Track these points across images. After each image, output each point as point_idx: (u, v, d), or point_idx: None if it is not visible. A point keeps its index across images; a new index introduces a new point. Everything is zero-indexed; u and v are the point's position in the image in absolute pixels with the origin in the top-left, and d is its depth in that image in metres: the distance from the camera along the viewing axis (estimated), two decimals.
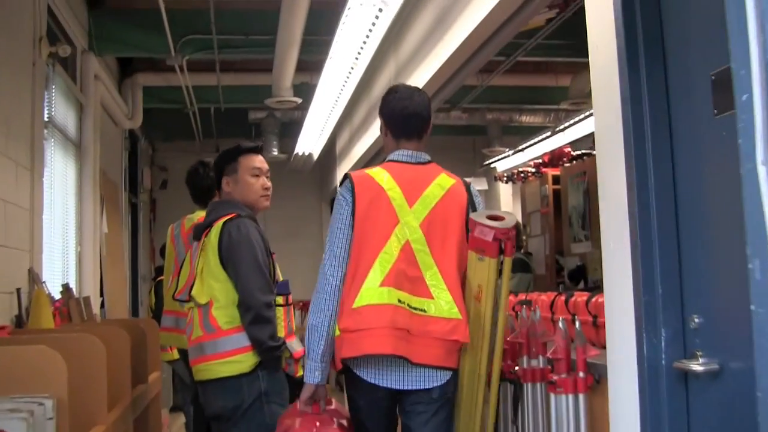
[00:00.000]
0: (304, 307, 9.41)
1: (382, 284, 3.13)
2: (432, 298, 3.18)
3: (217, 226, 3.78)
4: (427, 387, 3.17)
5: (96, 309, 6.63)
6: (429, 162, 3.45)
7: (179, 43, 7.48)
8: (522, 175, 10.17)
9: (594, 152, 8.55)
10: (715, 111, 2.21)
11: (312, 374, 3.23)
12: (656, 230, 2.48)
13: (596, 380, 3.10)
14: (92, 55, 7.26)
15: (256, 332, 3.65)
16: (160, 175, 12.39)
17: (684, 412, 2.43)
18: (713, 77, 2.21)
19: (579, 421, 3.08)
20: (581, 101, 8.51)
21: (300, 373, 3.63)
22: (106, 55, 7.88)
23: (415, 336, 3.11)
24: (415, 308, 3.15)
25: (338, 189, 3.33)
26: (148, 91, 9.42)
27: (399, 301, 3.12)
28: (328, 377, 3.30)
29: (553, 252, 9.56)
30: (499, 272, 3.19)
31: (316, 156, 10.71)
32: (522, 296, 4.77)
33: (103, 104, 7.86)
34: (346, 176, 3.32)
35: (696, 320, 2.37)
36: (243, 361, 3.68)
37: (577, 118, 8.39)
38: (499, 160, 11.08)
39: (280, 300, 3.82)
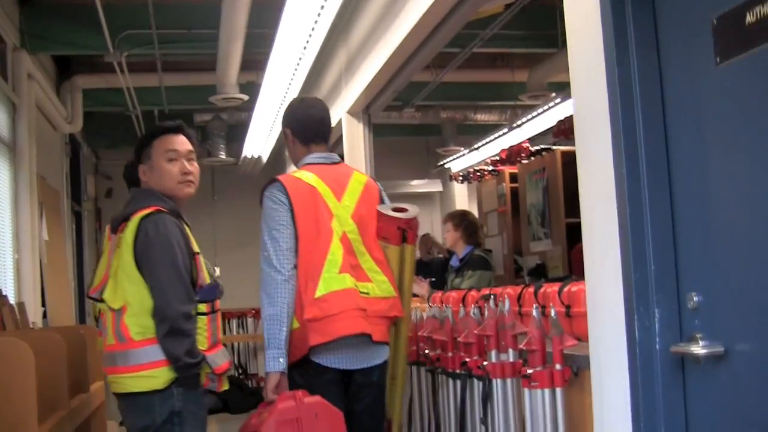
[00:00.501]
0: (257, 314, 9.07)
1: (341, 271, 3.45)
2: (371, 281, 3.53)
3: (134, 220, 3.28)
4: (378, 363, 3.53)
5: (36, 317, 6.24)
6: (340, 162, 3.81)
7: (117, 39, 7.10)
8: (478, 174, 9.90)
9: (554, 148, 8.40)
10: (718, 59, 1.94)
11: (276, 362, 3.37)
12: (647, 198, 2.20)
13: (574, 373, 2.82)
14: (24, 52, 6.86)
15: (170, 346, 3.17)
16: (105, 184, 11.96)
17: (681, 402, 2.15)
18: (715, 21, 1.94)
19: (556, 417, 2.80)
20: (540, 94, 8.27)
21: (225, 387, 3.41)
22: (39, 53, 7.46)
23: (370, 317, 3.45)
24: (362, 292, 3.48)
25: (266, 193, 3.59)
26: (88, 93, 9.00)
27: (354, 285, 3.46)
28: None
29: (511, 252, 9.30)
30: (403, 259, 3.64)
31: (265, 159, 10.35)
32: (485, 291, 4.49)
33: (39, 106, 7.46)
34: (273, 180, 3.60)
35: (695, 299, 2.10)
36: (156, 377, 3.19)
37: (535, 113, 8.15)
38: (453, 159, 10.82)
39: (203, 308, 3.32)
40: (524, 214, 8.73)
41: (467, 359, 3.39)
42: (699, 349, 2.03)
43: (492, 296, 4.19)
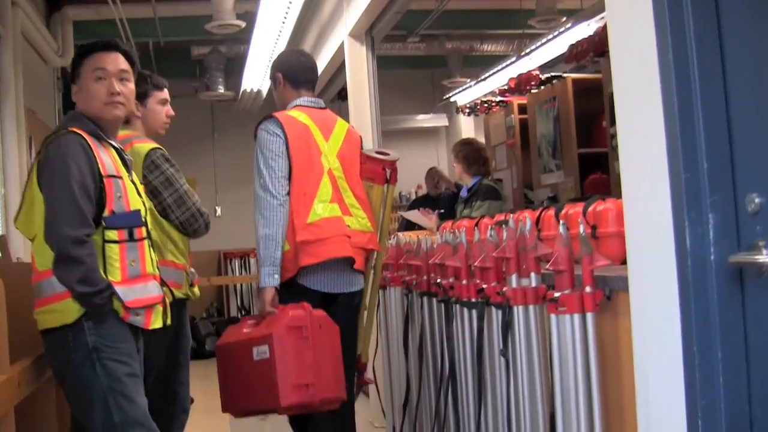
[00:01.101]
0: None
1: (331, 201, 3.84)
2: (352, 216, 3.91)
3: (43, 143, 3.07)
4: (357, 289, 4.00)
5: (22, 252, 5.96)
6: (326, 108, 4.14)
7: None
8: (485, 105, 9.55)
9: (565, 75, 8.04)
10: None
11: (271, 278, 3.73)
12: (698, 85, 1.88)
13: (606, 296, 2.53)
14: None
15: (60, 274, 2.92)
16: None
17: (740, 320, 1.86)
18: None
19: (587, 344, 2.52)
20: (550, 18, 7.90)
21: (156, 324, 3.16)
22: None
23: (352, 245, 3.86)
24: (346, 224, 3.87)
25: (261, 126, 3.87)
26: (79, 26, 8.64)
27: (341, 215, 3.85)
28: None
29: (521, 185, 8.98)
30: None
31: (264, 93, 10.00)
32: (500, 217, 4.19)
33: (26, 37, 7.14)
34: (268, 116, 3.91)
35: (755, 201, 1.80)
36: (62, 311, 2.96)
37: (545, 39, 7.78)
38: (460, 92, 10.46)
39: (113, 235, 3.03)
40: (534, 146, 8.41)
41: (484, 286, 3.10)
42: (763, 257, 1.74)
43: (508, 221, 3.91)
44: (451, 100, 10.89)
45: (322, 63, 7.34)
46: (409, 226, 6.91)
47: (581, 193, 7.43)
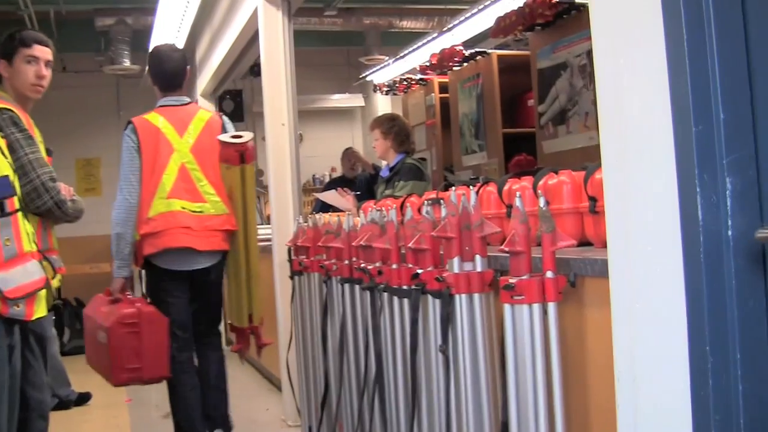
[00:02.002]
0: None
1: (168, 197, 4.25)
2: (206, 201, 4.31)
3: None
4: (207, 266, 4.36)
5: None
6: (189, 103, 4.58)
7: None
8: (405, 84, 9.13)
9: (489, 51, 7.67)
10: None
11: (123, 271, 4.28)
12: (711, 13, 1.47)
13: (570, 283, 2.12)
14: None
15: None
16: None
17: (764, 312, 1.45)
18: None
19: (549, 340, 2.11)
20: None
21: (39, 314, 3.11)
22: None
23: (197, 231, 4.27)
24: (194, 211, 4.28)
25: (124, 132, 4.33)
26: None
27: (182, 207, 4.26)
28: None
29: (441, 167, 8.61)
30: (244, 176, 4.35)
31: None
32: (431, 194, 3.77)
33: None
34: (129, 122, 4.35)
35: None
36: None
37: (469, 13, 7.37)
38: (377, 70, 9.99)
39: None
40: (456, 126, 8.04)
41: (419, 271, 2.68)
42: None
43: (438, 201, 3.49)
44: (368, 78, 10.43)
45: (233, 34, 6.81)
46: (324, 208, 6.46)
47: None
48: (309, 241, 4.05)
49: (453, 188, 2.70)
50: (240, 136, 4.34)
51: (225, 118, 4.58)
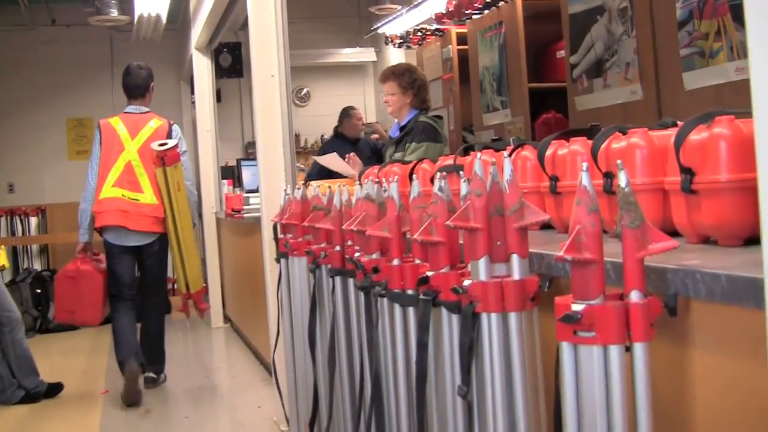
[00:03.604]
0: None
1: (113, 186, 5.49)
2: (142, 192, 5.51)
3: None
4: (142, 244, 5.56)
5: None
6: (147, 112, 5.78)
7: None
8: (419, 35, 8.28)
9: None
10: None
11: (83, 237, 5.60)
12: None
13: (669, 310, 1.33)
14: None
15: None
16: None
17: None
18: None
19: (635, 403, 1.31)
20: None
21: None
22: None
23: (132, 214, 5.47)
24: (132, 198, 5.48)
25: (95, 130, 5.77)
26: None
27: (123, 195, 5.48)
28: None
29: (459, 127, 7.79)
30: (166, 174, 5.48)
31: (164, 18, 8.55)
32: (447, 159, 2.96)
33: None
34: (99, 123, 5.74)
35: None
36: None
37: None
38: (389, 21, 9.13)
39: None
40: (476, 81, 7.21)
41: (429, 273, 1.88)
42: None
43: (458, 168, 2.69)
44: (380, 31, 9.56)
45: None
46: (322, 174, 5.67)
47: (532, 135, 6.28)
48: (295, 217, 3.26)
49: (476, 153, 1.89)
50: (165, 144, 5.47)
51: (174, 126, 5.79)
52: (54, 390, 5.66)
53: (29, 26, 9.93)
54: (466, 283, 1.68)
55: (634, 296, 1.30)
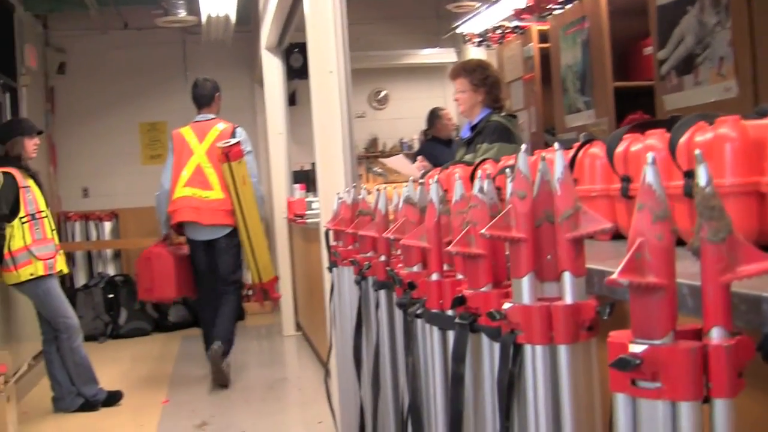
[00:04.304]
0: None
1: (185, 186, 6.17)
2: (212, 189, 6.15)
3: None
4: (214, 237, 6.22)
5: None
6: (214, 118, 6.45)
7: None
8: (499, 33, 7.93)
9: None
10: None
11: (162, 229, 6.42)
12: None
13: (764, 353, 0.97)
14: None
15: None
16: (57, 57, 10.04)
17: None
18: None
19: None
20: None
21: None
22: None
23: (203, 210, 6.11)
24: (202, 196, 6.14)
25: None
26: None
27: (193, 193, 6.13)
28: None
29: (541, 129, 7.42)
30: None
31: (233, 18, 8.36)
32: (507, 159, 2.63)
33: None
34: (171, 134, 6.52)
35: None
36: None
37: None
38: (468, 19, 8.78)
39: None
40: (558, 81, 6.85)
41: (466, 292, 1.55)
42: None
43: (510, 168, 2.35)
44: (459, 30, 9.22)
45: None
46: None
47: None
48: (345, 223, 2.96)
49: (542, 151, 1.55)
50: (228, 142, 6.05)
51: (238, 129, 6.33)
52: (113, 398, 5.51)
53: (101, 30, 9.88)
54: (506, 306, 1.35)
55: (716, 335, 0.96)
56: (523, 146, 1.44)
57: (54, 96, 10.05)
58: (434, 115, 7.68)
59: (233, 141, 6.04)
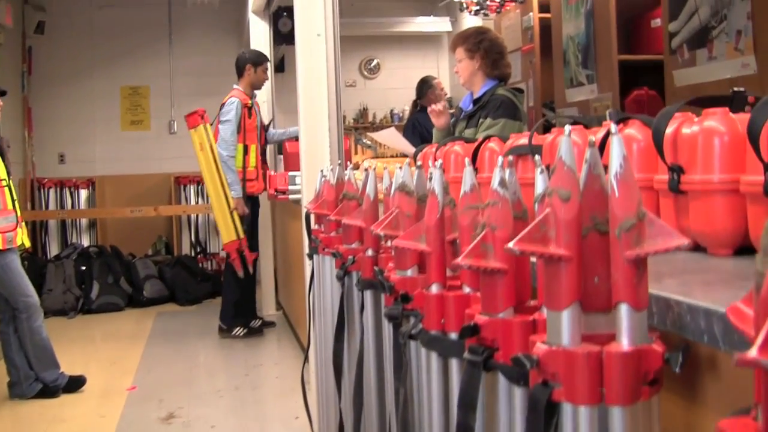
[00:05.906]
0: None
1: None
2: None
3: None
4: None
5: None
6: (233, 89, 6.80)
7: None
8: (498, 1, 7.53)
9: None
10: None
11: (236, 192, 6.56)
12: None
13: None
14: None
15: None
16: (35, 15, 9.57)
17: None
18: None
19: None
20: None
21: None
22: None
23: None
24: None
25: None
26: None
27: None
28: None
29: (538, 103, 7.06)
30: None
31: None
32: (521, 138, 2.25)
33: None
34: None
35: None
36: None
37: None
38: None
39: None
40: (558, 52, 6.50)
41: (480, 319, 1.18)
42: None
43: (535, 152, 2.00)
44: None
45: None
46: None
47: None
48: (328, 206, 2.58)
49: (565, 128, 1.17)
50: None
51: (230, 99, 6.66)
52: (75, 384, 5.12)
53: None
54: (540, 347, 0.98)
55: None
56: (567, 127, 1.07)
57: (31, 56, 9.61)
58: (426, 84, 7.25)
59: (193, 111, 6.49)
